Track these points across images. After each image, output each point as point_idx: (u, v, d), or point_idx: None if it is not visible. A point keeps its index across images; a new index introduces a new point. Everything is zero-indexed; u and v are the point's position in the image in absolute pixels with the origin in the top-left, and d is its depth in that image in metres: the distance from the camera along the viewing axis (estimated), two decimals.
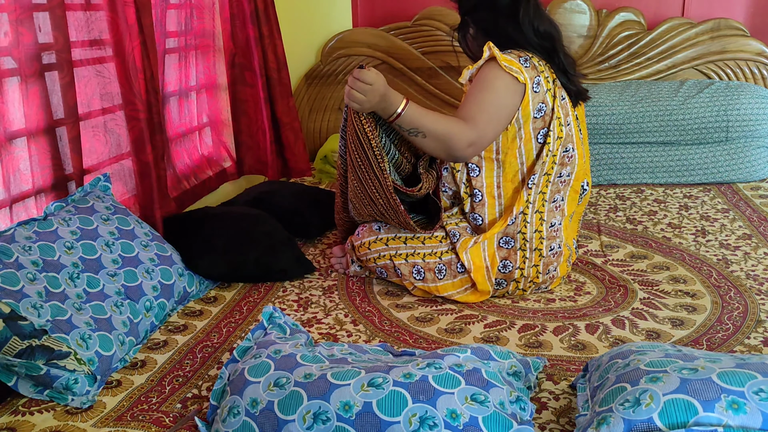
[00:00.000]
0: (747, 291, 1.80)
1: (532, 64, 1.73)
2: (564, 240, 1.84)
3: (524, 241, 1.78)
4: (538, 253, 1.79)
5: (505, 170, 1.78)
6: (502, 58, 1.69)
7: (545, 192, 1.79)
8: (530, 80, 1.70)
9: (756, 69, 2.90)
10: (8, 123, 1.67)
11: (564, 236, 1.84)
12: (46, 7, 1.71)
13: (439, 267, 1.80)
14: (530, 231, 1.78)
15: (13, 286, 1.40)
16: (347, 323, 1.73)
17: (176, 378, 1.49)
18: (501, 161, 1.77)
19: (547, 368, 1.47)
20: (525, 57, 1.73)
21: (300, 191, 2.48)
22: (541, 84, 1.73)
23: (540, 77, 1.73)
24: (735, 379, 1.03)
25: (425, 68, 3.13)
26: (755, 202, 2.49)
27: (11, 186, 1.67)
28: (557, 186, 1.81)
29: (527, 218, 1.78)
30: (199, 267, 1.91)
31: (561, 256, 1.84)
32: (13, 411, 1.36)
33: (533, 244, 1.78)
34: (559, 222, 1.83)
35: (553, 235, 1.82)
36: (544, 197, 1.79)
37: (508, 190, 1.80)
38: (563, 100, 1.79)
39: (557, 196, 1.82)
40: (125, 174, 2.10)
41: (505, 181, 1.79)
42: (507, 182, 1.79)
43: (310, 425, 1.13)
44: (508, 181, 1.79)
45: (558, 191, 1.82)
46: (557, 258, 1.83)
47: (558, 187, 1.81)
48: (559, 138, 1.77)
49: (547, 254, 1.80)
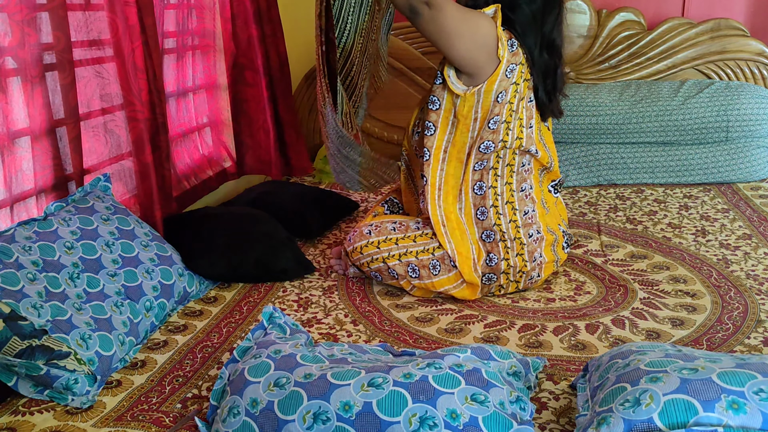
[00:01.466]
0: (747, 291, 1.80)
1: (517, 52, 1.72)
2: (543, 226, 1.86)
3: (502, 232, 1.81)
4: (518, 242, 1.81)
5: (455, 137, 1.78)
6: (499, 28, 1.69)
7: (511, 182, 1.82)
8: (507, 62, 1.70)
9: (756, 69, 2.90)
10: (11, 123, 1.67)
11: (542, 222, 1.87)
12: (48, 7, 1.71)
13: (433, 263, 1.80)
14: (505, 222, 1.81)
15: (13, 286, 1.40)
16: (347, 323, 1.73)
17: (176, 378, 1.49)
18: (455, 125, 1.77)
19: (547, 368, 1.47)
20: (514, 41, 1.72)
21: (300, 191, 2.49)
22: (515, 72, 1.73)
23: (516, 67, 1.73)
24: (735, 379, 1.03)
25: (425, 68, 3.13)
26: (755, 202, 2.49)
27: (13, 186, 1.67)
28: (522, 175, 1.84)
29: (499, 210, 1.81)
30: (199, 267, 1.91)
31: (543, 241, 1.86)
32: (13, 411, 1.36)
33: (511, 234, 1.81)
34: (533, 209, 1.86)
35: (528, 222, 1.84)
36: (512, 188, 1.82)
37: (452, 158, 1.80)
38: (530, 102, 1.80)
39: (524, 185, 1.85)
40: (125, 174, 2.10)
41: (452, 147, 1.79)
42: (454, 149, 1.80)
43: (310, 425, 1.13)
44: (455, 149, 1.79)
45: (524, 180, 1.84)
46: (539, 243, 1.85)
47: (523, 176, 1.84)
48: (518, 138, 1.78)
49: (528, 241, 1.82)
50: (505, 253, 1.81)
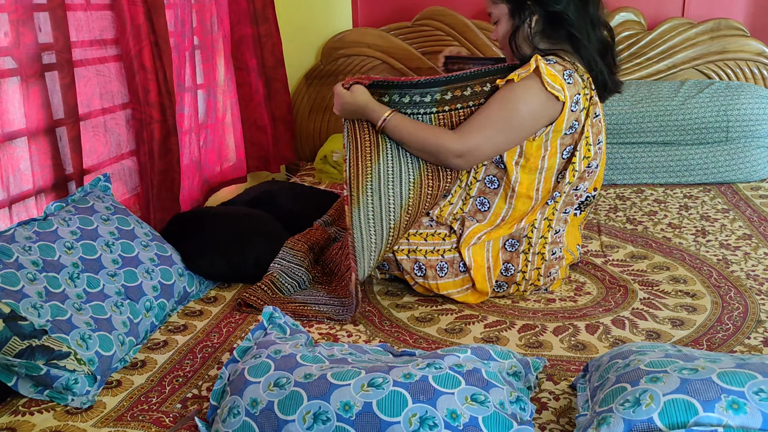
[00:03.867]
0: (747, 291, 1.80)
1: (575, 80, 1.68)
2: (566, 245, 1.85)
3: (529, 245, 1.78)
4: (540, 257, 1.79)
5: (522, 176, 1.75)
6: (547, 73, 1.64)
7: (558, 202, 1.79)
8: (570, 98, 1.66)
9: (756, 69, 2.90)
10: (8, 123, 1.67)
11: (566, 241, 1.85)
12: (47, 7, 1.71)
13: (440, 265, 1.79)
14: (536, 236, 1.78)
15: (13, 286, 1.40)
16: (347, 323, 1.73)
17: (176, 378, 1.49)
18: (521, 167, 1.74)
19: (547, 368, 1.47)
20: (569, 71, 1.67)
21: (300, 191, 2.48)
22: (579, 102, 1.69)
23: (579, 95, 1.69)
24: (735, 379, 1.03)
25: (425, 68, 3.13)
26: (755, 202, 2.49)
27: (11, 186, 1.67)
28: (571, 198, 1.80)
29: (535, 224, 1.78)
30: (199, 267, 1.91)
31: (563, 260, 1.84)
32: (13, 411, 1.36)
33: (537, 248, 1.79)
34: (563, 229, 1.84)
35: (557, 241, 1.82)
36: (556, 206, 1.79)
37: (521, 195, 1.76)
38: (596, 117, 1.76)
39: (569, 207, 1.82)
40: (125, 174, 2.10)
41: (520, 186, 1.75)
42: (522, 188, 1.75)
43: (310, 425, 1.13)
44: (523, 187, 1.75)
45: (571, 203, 1.81)
46: (559, 262, 1.83)
47: (572, 200, 1.81)
48: (586, 158, 1.75)
49: (550, 258, 1.81)
50: (523, 266, 1.79)
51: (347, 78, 1.79)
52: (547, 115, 1.68)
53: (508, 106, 1.67)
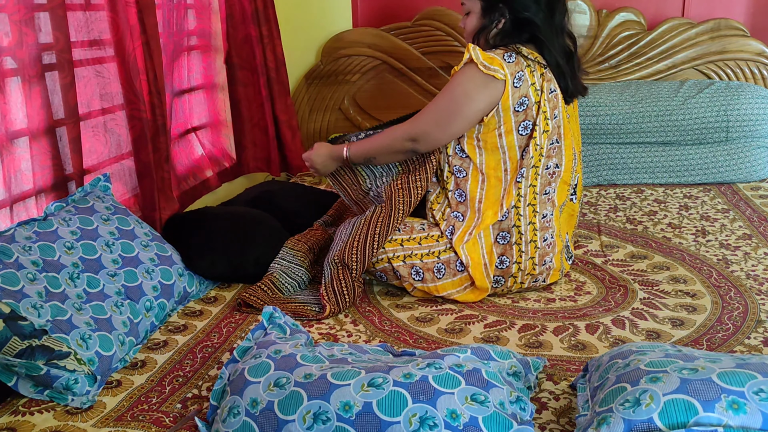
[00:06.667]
0: (747, 291, 1.80)
1: (518, 59, 1.74)
2: (556, 230, 1.86)
3: (519, 234, 1.80)
4: (533, 245, 1.81)
5: (486, 157, 1.81)
6: (483, 56, 1.72)
7: (535, 185, 1.81)
8: (511, 75, 1.72)
9: (756, 69, 2.90)
10: (10, 123, 1.67)
11: (556, 226, 1.87)
12: (47, 7, 1.71)
13: (438, 266, 1.80)
14: (524, 224, 1.81)
15: (13, 286, 1.40)
16: (347, 323, 1.73)
17: (176, 378, 1.49)
18: (482, 148, 1.81)
19: (547, 368, 1.47)
20: (511, 53, 1.74)
21: (300, 191, 2.49)
22: (524, 78, 1.74)
23: (524, 72, 1.74)
24: (735, 379, 1.03)
25: (425, 68, 3.13)
26: (755, 202, 2.49)
27: (12, 186, 1.67)
28: (546, 178, 1.83)
29: (520, 211, 1.80)
30: (199, 267, 1.91)
31: (555, 247, 1.86)
32: (13, 411, 1.36)
33: (528, 236, 1.81)
34: (551, 212, 1.86)
35: (546, 226, 1.84)
36: (535, 190, 1.81)
37: (490, 177, 1.81)
38: (551, 93, 1.80)
39: (548, 188, 1.84)
40: (125, 174, 2.10)
41: (487, 168, 1.81)
42: (489, 170, 1.81)
43: (310, 425, 1.13)
44: (490, 168, 1.81)
45: (548, 183, 1.84)
46: (552, 249, 1.85)
47: (548, 180, 1.84)
48: (545, 132, 1.79)
49: (542, 245, 1.83)
50: (518, 256, 1.81)
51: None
52: (488, 95, 1.74)
53: (447, 91, 1.80)
